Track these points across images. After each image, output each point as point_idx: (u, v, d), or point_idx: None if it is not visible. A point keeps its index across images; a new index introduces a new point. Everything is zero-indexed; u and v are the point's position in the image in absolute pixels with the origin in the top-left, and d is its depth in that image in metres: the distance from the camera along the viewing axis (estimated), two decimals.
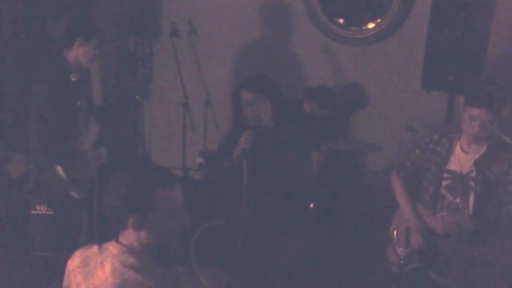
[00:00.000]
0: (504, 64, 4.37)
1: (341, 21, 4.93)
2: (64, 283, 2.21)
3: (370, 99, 4.91)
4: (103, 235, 3.74)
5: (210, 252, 3.90)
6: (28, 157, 3.91)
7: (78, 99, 3.61)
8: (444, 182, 3.09)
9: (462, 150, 3.07)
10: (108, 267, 2.04)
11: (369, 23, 4.83)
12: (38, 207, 4.45)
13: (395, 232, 3.31)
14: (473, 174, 3.00)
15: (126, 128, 5.58)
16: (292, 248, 3.48)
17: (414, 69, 4.36)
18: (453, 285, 3.07)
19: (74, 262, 2.15)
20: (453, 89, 3.94)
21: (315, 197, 4.22)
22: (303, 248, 3.62)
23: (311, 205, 4.21)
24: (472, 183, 3.00)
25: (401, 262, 3.19)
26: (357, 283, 4.02)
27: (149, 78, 5.54)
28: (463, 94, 3.09)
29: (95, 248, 2.14)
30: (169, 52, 4.83)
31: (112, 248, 2.09)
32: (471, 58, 3.78)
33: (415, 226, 3.18)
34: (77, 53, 3.80)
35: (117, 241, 2.09)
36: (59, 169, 3.81)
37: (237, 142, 3.30)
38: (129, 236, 2.06)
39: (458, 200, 3.06)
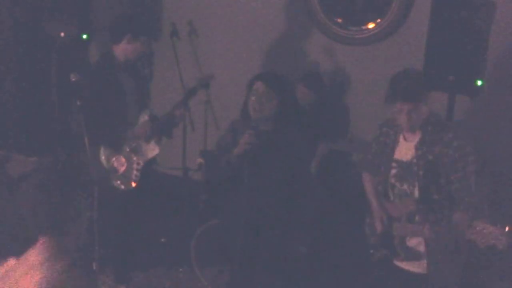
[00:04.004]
0: (504, 64, 4.37)
1: (341, 21, 4.93)
2: None
3: (371, 99, 4.91)
4: (103, 235, 3.75)
5: (210, 253, 3.90)
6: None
7: (78, 99, 3.62)
8: (393, 171, 3.23)
9: (404, 139, 3.22)
10: None
11: (369, 23, 4.83)
12: None
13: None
14: (415, 159, 3.14)
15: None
16: (292, 248, 3.48)
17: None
18: (417, 271, 3.20)
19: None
20: (453, 89, 3.94)
21: (314, 197, 4.22)
22: (302, 247, 3.62)
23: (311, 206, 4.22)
24: (415, 168, 3.13)
25: (371, 251, 3.35)
26: (356, 283, 4.02)
27: (149, 78, 5.54)
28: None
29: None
30: (169, 52, 4.83)
31: None
32: (471, 58, 3.78)
33: (376, 213, 3.30)
34: (125, 49, 3.88)
35: None
36: (101, 152, 3.91)
37: (236, 141, 3.31)
38: None
39: (405, 187, 3.19)
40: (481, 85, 3.80)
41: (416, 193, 3.14)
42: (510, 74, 4.37)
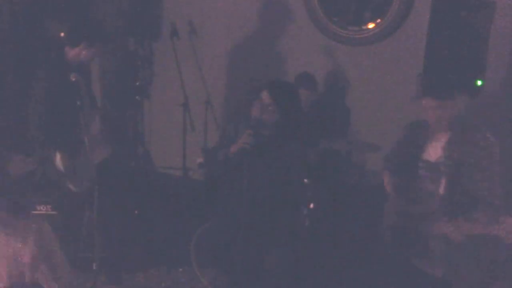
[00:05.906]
0: (504, 64, 4.37)
1: (341, 21, 4.93)
2: None
3: (371, 99, 4.91)
4: (103, 233, 3.75)
5: (209, 253, 3.90)
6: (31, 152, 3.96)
7: (77, 99, 3.62)
8: (419, 171, 3.23)
9: (433, 139, 3.23)
10: None
11: (369, 23, 4.83)
12: (38, 207, 4.45)
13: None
14: (443, 160, 3.14)
15: (126, 128, 5.58)
16: (290, 248, 3.48)
17: (414, 69, 4.36)
18: (433, 271, 3.17)
19: None
20: (453, 89, 3.94)
21: (314, 197, 4.22)
22: (301, 248, 3.62)
23: (311, 205, 4.22)
24: (443, 169, 3.14)
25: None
26: (355, 282, 4.02)
27: (149, 78, 5.54)
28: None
29: None
30: (169, 52, 4.83)
31: None
32: (471, 58, 3.78)
33: (391, 211, 3.31)
34: (79, 54, 3.84)
35: None
36: (58, 157, 3.83)
37: (236, 139, 3.31)
38: None
39: (430, 187, 3.19)
40: (481, 85, 3.81)
41: (441, 193, 3.13)
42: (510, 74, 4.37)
